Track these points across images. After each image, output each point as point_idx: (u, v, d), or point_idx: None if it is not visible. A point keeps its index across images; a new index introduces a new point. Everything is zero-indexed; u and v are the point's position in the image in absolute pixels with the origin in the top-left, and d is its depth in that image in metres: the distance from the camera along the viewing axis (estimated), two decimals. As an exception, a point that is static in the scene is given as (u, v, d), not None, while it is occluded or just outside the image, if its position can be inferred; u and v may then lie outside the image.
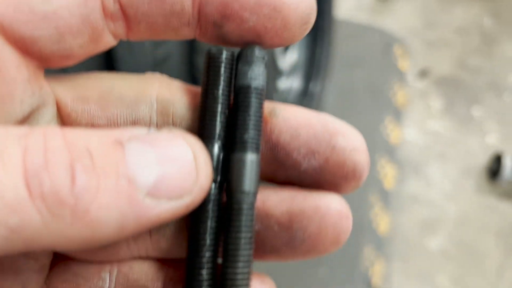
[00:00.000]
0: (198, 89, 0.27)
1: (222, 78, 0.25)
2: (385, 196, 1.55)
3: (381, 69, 1.83)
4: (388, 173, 1.59)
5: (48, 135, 0.19)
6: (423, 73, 1.91)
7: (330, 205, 0.24)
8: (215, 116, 0.25)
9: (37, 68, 0.23)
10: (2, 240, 0.17)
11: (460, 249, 1.54)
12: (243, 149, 0.24)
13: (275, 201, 0.25)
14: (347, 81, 1.75)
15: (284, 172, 0.26)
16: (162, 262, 0.27)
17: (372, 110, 1.70)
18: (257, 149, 0.24)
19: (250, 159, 0.24)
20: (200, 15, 0.24)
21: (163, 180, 0.20)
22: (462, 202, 1.62)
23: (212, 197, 0.24)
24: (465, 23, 2.07)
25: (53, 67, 0.24)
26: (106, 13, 0.23)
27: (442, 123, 1.79)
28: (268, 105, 0.26)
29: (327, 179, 0.25)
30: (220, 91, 0.25)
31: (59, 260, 0.27)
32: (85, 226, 0.18)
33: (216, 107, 0.25)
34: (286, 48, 1.34)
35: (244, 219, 0.23)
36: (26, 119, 0.24)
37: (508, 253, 1.53)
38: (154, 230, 0.26)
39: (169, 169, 0.20)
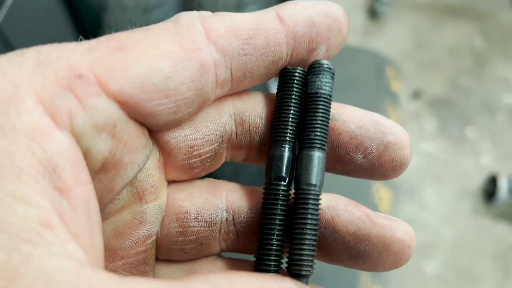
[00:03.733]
0: (265, 97, 0.30)
1: (294, 90, 0.28)
2: (381, 220, 1.53)
3: (374, 91, 1.83)
4: (383, 196, 1.58)
5: None
6: (416, 95, 1.91)
7: (395, 236, 0.27)
8: (287, 122, 0.28)
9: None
10: None
11: (457, 273, 1.53)
12: (312, 147, 0.27)
13: (344, 220, 0.28)
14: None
15: (342, 166, 0.29)
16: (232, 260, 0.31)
17: (366, 132, 1.70)
18: (323, 148, 0.27)
19: (318, 155, 0.27)
20: (292, 57, 0.27)
21: None
22: (458, 225, 1.62)
23: (280, 194, 0.27)
24: (457, 44, 2.09)
25: (160, 129, 0.27)
26: (218, 83, 0.26)
27: (436, 144, 1.79)
28: None
29: (378, 172, 0.28)
30: (293, 101, 0.28)
31: None
32: None
33: (289, 115, 0.28)
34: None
35: (311, 208, 0.26)
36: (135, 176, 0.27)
37: (505, 276, 1.52)
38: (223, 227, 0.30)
39: None
